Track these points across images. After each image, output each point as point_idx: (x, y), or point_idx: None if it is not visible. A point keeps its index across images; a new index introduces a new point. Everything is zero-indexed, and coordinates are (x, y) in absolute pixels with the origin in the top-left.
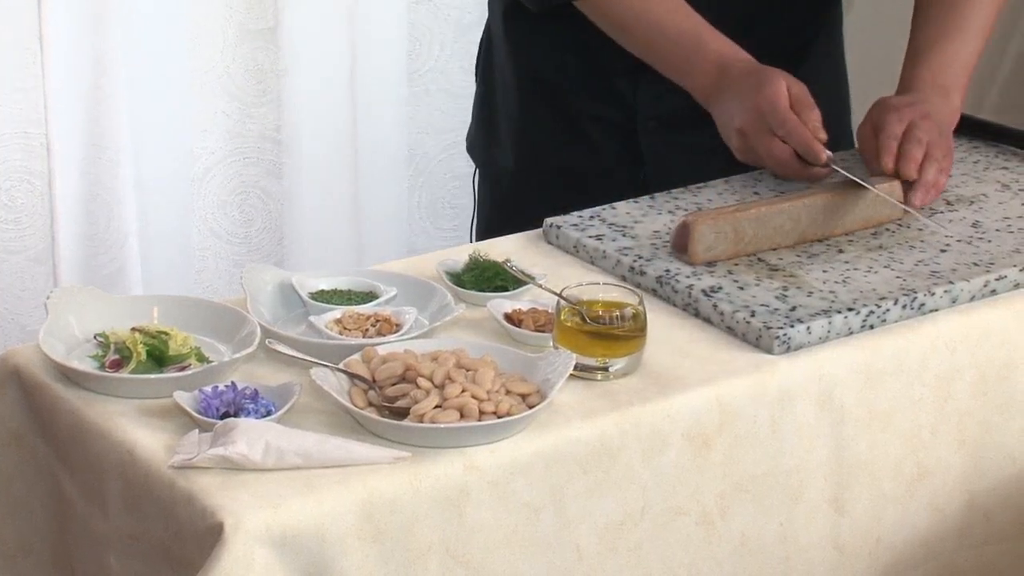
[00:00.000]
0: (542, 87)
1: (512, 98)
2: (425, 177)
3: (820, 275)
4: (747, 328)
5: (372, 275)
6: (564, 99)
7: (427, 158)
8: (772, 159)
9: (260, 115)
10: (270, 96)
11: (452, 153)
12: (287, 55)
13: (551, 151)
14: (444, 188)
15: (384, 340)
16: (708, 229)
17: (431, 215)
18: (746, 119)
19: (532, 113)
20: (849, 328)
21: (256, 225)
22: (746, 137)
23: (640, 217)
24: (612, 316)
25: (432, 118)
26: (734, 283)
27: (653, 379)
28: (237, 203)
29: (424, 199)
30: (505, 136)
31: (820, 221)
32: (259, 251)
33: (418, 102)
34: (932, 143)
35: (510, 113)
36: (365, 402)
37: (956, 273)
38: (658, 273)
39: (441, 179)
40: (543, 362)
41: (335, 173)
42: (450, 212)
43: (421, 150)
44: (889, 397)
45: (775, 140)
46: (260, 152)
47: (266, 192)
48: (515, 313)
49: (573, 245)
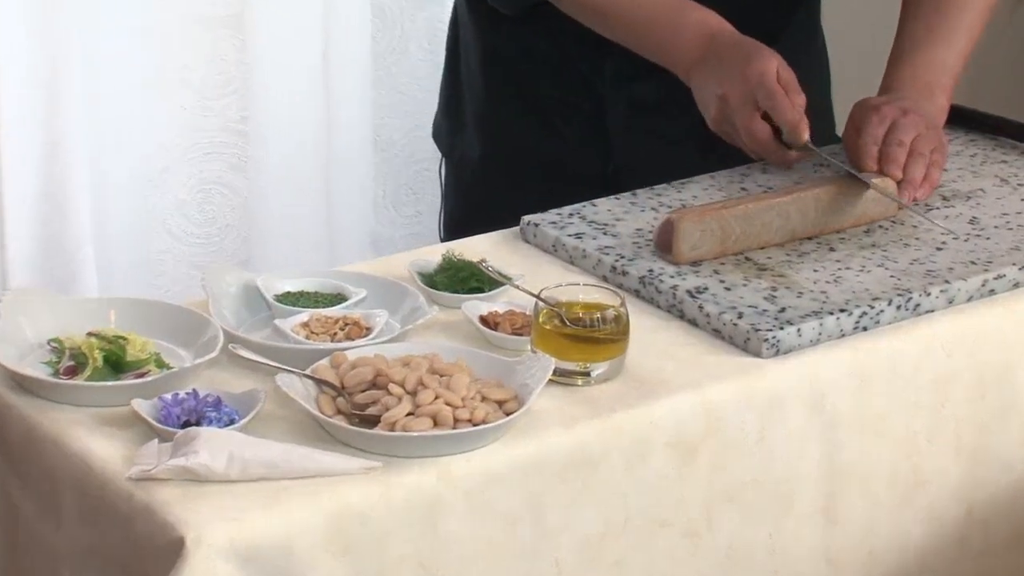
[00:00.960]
0: (507, 71)
1: (477, 83)
2: (389, 164)
3: (810, 275)
4: (734, 331)
5: (341, 276)
6: (530, 84)
7: (391, 143)
8: (749, 134)
9: (221, 107)
10: (233, 87)
11: (414, 137)
12: (253, 43)
13: (518, 139)
14: (407, 174)
15: (353, 344)
16: (693, 227)
17: (395, 202)
18: (731, 88)
19: (498, 99)
20: (841, 330)
21: (218, 224)
22: (727, 106)
23: (622, 215)
24: (593, 318)
25: (395, 101)
26: (720, 283)
27: (636, 384)
28: (197, 202)
29: (388, 186)
30: (471, 123)
31: (811, 218)
32: (221, 253)
33: (381, 85)
34: (918, 138)
35: (476, 99)
36: (334, 409)
37: (953, 272)
38: (641, 273)
39: (404, 164)
40: (520, 367)
41: (304, 164)
42: (412, 198)
43: (385, 135)
44: (883, 402)
45: (756, 115)
46: (223, 146)
47: (230, 188)
48: (491, 315)
49: (552, 244)
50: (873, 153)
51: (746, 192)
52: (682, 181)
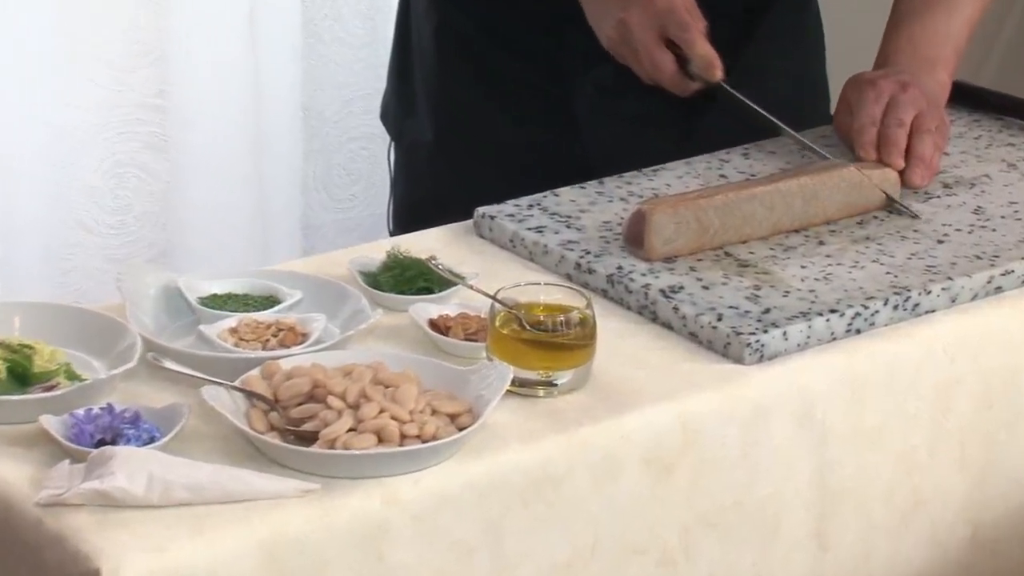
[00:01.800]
0: (462, 47)
1: (430, 60)
2: (320, 140)
3: (798, 271)
4: (713, 334)
5: (273, 276)
6: (488, 62)
7: (321, 118)
8: (652, 63)
9: (137, 81)
10: (151, 57)
11: (349, 112)
12: (171, 7)
13: (474, 123)
14: (341, 153)
15: (288, 352)
16: (667, 219)
17: (326, 184)
18: (633, 12)
19: (452, 78)
20: (832, 333)
21: (135, 211)
22: (627, 31)
23: (587, 205)
24: (556, 322)
25: (327, 72)
26: (698, 282)
27: (604, 395)
28: (110, 188)
29: (319, 166)
30: (422, 104)
31: (797, 208)
32: (139, 243)
33: (313, 55)
34: (921, 115)
35: (428, 78)
36: (266, 425)
37: (955, 268)
38: (609, 271)
39: (338, 142)
40: (475, 376)
41: (230, 143)
42: (346, 180)
43: (316, 109)
44: (879, 413)
45: (661, 43)
46: (139, 124)
47: (147, 171)
48: (441, 319)
49: (509, 239)
50: (871, 136)
51: (726, 180)
52: (654, 168)
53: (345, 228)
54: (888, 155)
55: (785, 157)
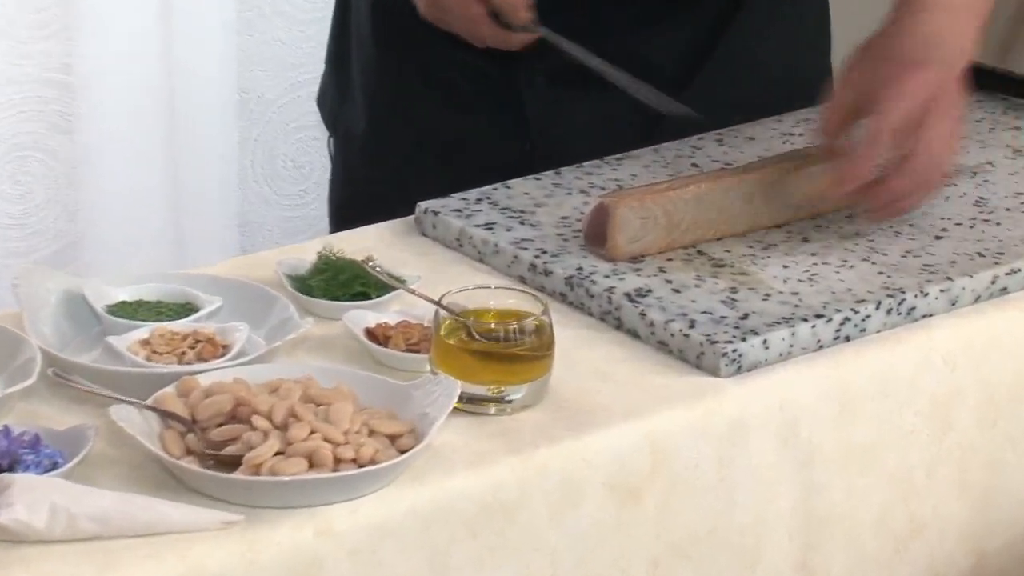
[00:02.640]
0: (401, 27)
1: (366, 41)
2: (261, 128)
3: (779, 272)
4: (685, 343)
5: (190, 281)
6: (428, 44)
7: (263, 102)
8: (467, 20)
9: (38, 53)
10: (54, 27)
11: (296, 97)
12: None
13: (412, 112)
14: (286, 142)
15: (207, 367)
16: (632, 213)
17: (269, 177)
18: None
19: (389, 62)
20: (818, 341)
21: (36, 199)
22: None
23: (543, 199)
24: (508, 330)
25: (270, 50)
26: (667, 284)
27: (563, 412)
28: (9, 173)
29: (260, 156)
30: (358, 91)
31: (779, 201)
32: (42, 234)
33: (251, 28)
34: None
35: (363, 60)
36: (183, 449)
37: (955, 267)
38: (568, 272)
39: (282, 130)
40: (418, 392)
41: (144, 123)
42: (294, 174)
43: (256, 92)
44: (871, 430)
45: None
46: (40, 102)
47: (50, 154)
48: (380, 328)
49: (455, 237)
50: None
51: (698, 169)
52: (618, 156)
53: (295, 228)
54: (838, 179)
55: (764, 143)
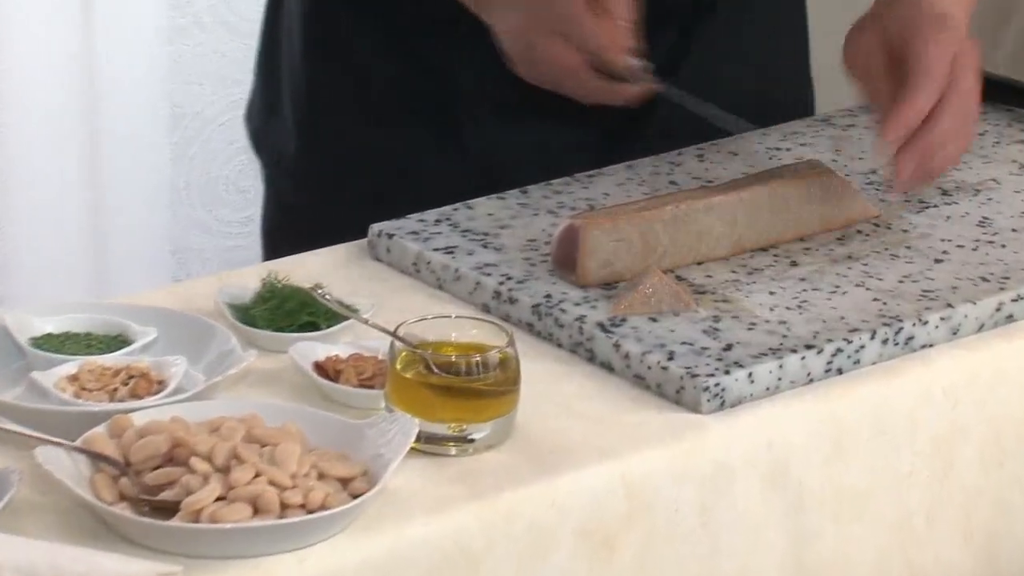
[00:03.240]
0: (334, 40)
1: (298, 58)
2: (198, 147)
3: (766, 299)
4: (663, 377)
5: (122, 311)
6: (361, 65)
7: (201, 119)
8: (564, 74)
9: None
10: None
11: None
12: None
13: (347, 133)
14: (227, 163)
15: (141, 404)
16: (605, 235)
17: (208, 201)
18: (522, 17)
19: (322, 81)
20: (808, 374)
21: None
22: (523, 40)
23: (508, 220)
24: (470, 363)
25: (208, 62)
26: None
27: (531, 452)
28: None
29: (196, 177)
30: (288, 110)
31: (764, 222)
32: None
33: (185, 38)
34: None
35: (294, 77)
36: (115, 494)
37: (957, 293)
38: (535, 300)
39: (222, 150)
40: (372, 431)
41: (63, 141)
42: (236, 199)
43: (192, 108)
44: (866, 471)
45: (566, 47)
46: None
47: None
48: (330, 362)
49: (412, 262)
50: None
51: (676, 187)
52: (590, 173)
53: (238, 258)
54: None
55: (749, 159)
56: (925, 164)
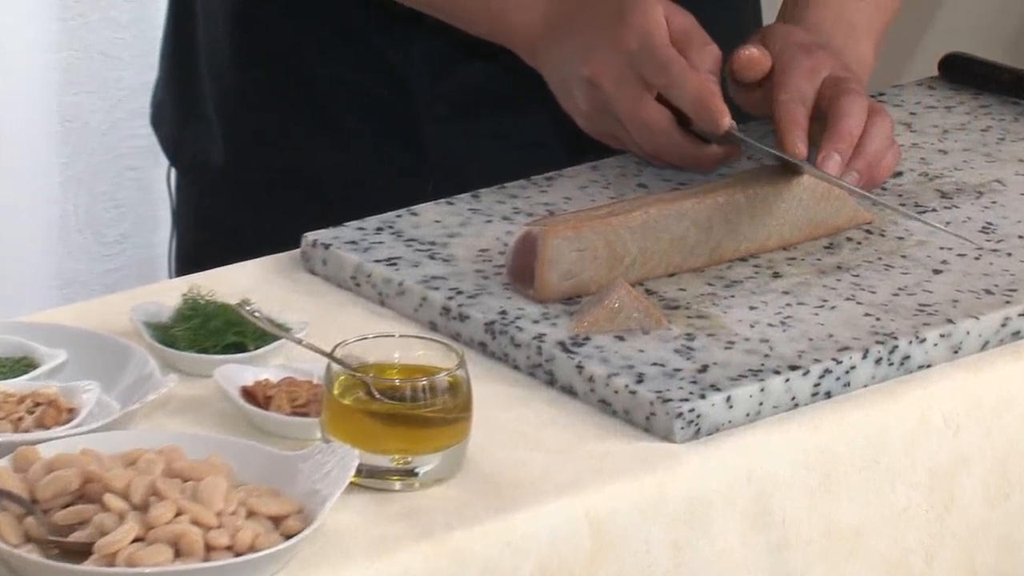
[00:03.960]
0: (269, 42)
1: (223, 51)
2: (83, 163)
3: (745, 314)
4: (632, 402)
5: (26, 330)
6: (302, 65)
7: (87, 131)
8: (641, 127)
9: None
10: None
11: (117, 119)
12: None
13: (285, 142)
14: (106, 176)
15: (49, 435)
16: (566, 244)
17: (91, 222)
18: (601, 62)
19: (255, 85)
20: (793, 398)
21: None
22: (599, 91)
23: (457, 228)
24: (416, 388)
25: (94, 67)
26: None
27: (484, 487)
28: None
29: (83, 198)
30: (213, 114)
31: (744, 228)
32: None
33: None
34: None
35: (221, 80)
36: (21, 535)
37: (958, 307)
38: (489, 317)
39: (104, 164)
40: (307, 464)
41: None
42: (113, 215)
43: (80, 119)
44: (858, 506)
45: (647, 96)
46: None
47: None
48: (260, 386)
49: (351, 275)
50: (800, 120)
51: (646, 191)
52: (548, 176)
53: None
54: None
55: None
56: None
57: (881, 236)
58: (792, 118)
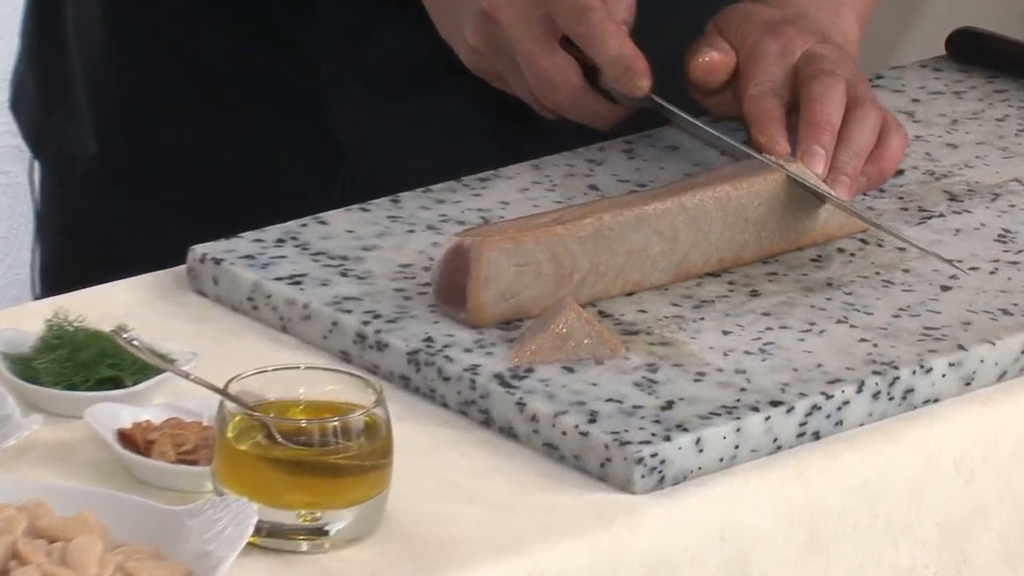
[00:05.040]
0: (151, 25)
1: (97, 35)
2: None
3: (718, 340)
4: (583, 445)
5: None
6: (192, 41)
7: None
8: (543, 78)
9: None
10: None
11: None
12: None
13: (169, 132)
14: None
15: None
16: (504, 258)
17: None
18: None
19: (133, 63)
20: (775, 440)
21: None
22: (497, 28)
23: (374, 239)
24: (326, 431)
25: None
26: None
27: (407, 548)
28: None
29: None
30: (84, 102)
31: (716, 237)
32: None
33: None
34: (853, 84)
35: (92, 61)
36: None
37: (970, 330)
38: (412, 345)
39: None
40: (196, 521)
41: None
42: None
43: None
44: (854, 568)
45: (552, 43)
46: None
47: None
48: (139, 429)
49: (247, 295)
50: (774, 113)
51: (599, 194)
52: (483, 175)
53: None
54: (805, 151)
55: (694, 155)
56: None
57: (879, 247)
58: (763, 112)
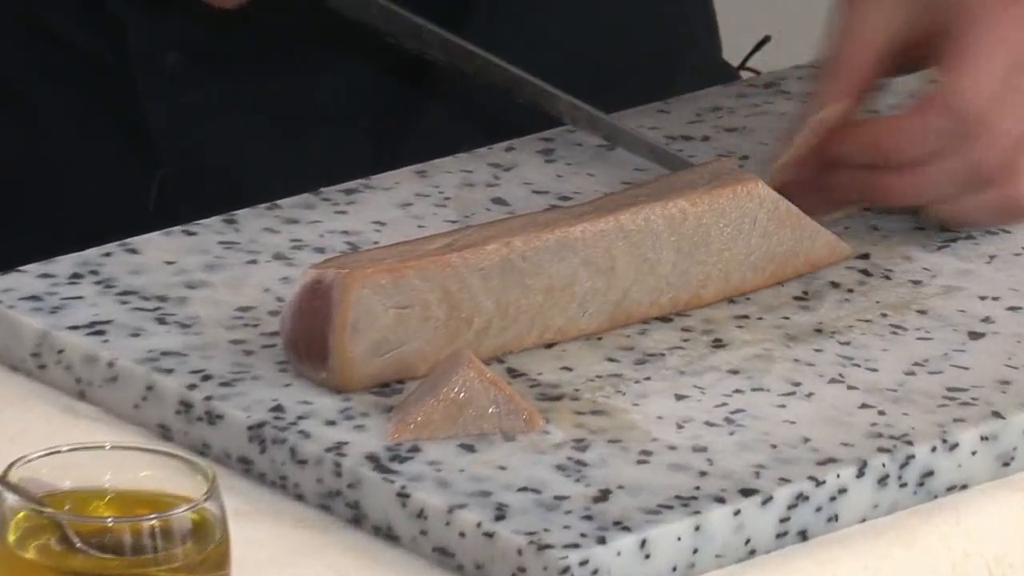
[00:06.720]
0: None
1: None
2: None
3: (669, 407)
4: (489, 550)
5: None
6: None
7: None
8: None
9: None
10: None
11: None
12: None
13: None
14: None
15: None
16: (379, 298)
17: None
18: None
19: None
20: (747, 541)
21: None
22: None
23: (203, 271)
24: (141, 532)
25: None
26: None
27: None
28: None
29: None
30: None
31: (667, 268)
32: None
33: None
34: None
35: None
36: None
37: (1008, 392)
38: (256, 417)
39: None
40: None
41: None
42: None
43: None
44: None
45: None
46: None
47: None
48: None
49: (32, 351)
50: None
51: (507, 210)
52: (350, 185)
53: None
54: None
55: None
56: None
57: (886, 279)
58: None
